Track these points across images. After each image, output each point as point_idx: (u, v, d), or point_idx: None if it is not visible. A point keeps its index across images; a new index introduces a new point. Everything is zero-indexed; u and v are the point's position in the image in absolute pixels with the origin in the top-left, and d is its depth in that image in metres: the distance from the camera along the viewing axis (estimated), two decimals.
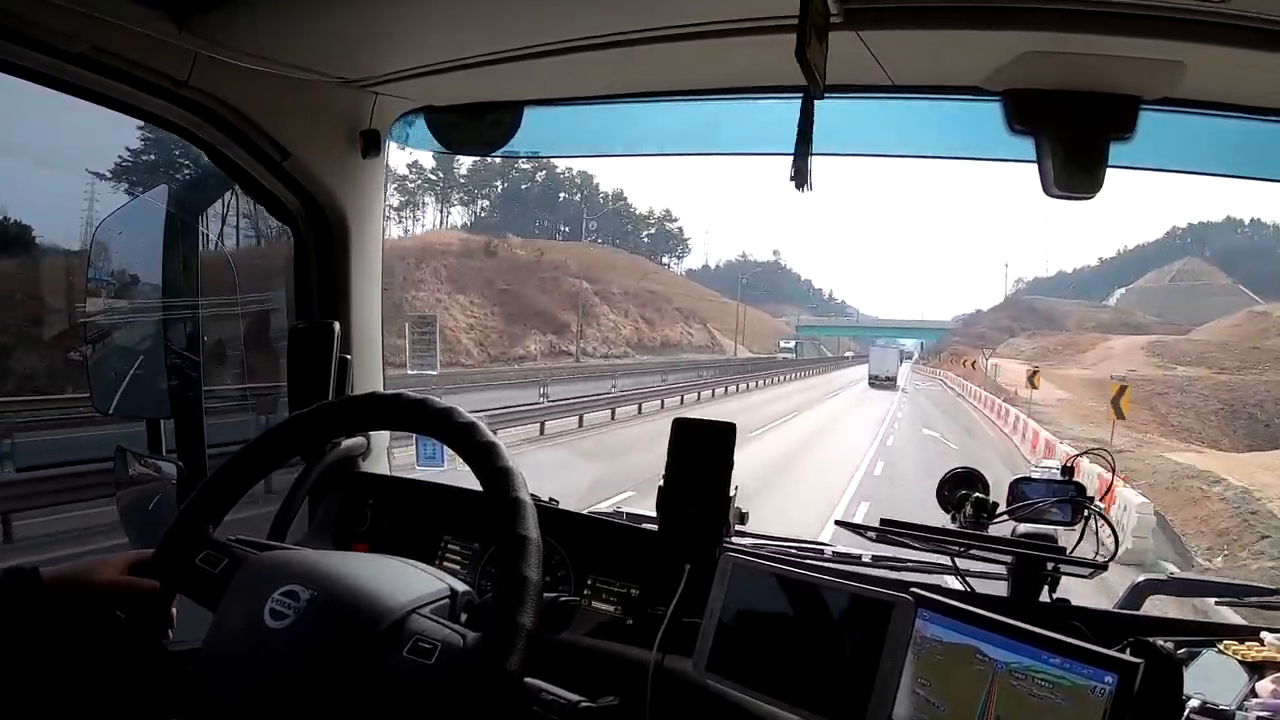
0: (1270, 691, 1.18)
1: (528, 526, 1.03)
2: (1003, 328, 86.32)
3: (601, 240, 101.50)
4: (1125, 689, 0.92)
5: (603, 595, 1.60)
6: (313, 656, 1.00)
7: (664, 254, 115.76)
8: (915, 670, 1.09)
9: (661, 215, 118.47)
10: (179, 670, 1.10)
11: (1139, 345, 62.51)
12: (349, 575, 1.08)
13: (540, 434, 18.61)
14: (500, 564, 1.02)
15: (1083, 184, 1.50)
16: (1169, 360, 56.27)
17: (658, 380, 37.05)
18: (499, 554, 1.03)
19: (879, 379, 46.65)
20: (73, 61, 1.41)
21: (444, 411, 1.13)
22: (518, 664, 0.97)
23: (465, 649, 1.00)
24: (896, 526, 1.53)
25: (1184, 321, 74.84)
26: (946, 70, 1.54)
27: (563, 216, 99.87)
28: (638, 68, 1.65)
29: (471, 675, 0.97)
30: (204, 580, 1.13)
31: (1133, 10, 1.26)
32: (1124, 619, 1.43)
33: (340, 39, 1.60)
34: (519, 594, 1.00)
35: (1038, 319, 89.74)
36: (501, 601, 1.00)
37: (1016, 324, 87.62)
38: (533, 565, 1.01)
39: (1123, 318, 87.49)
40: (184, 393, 1.96)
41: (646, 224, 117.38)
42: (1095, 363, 58.53)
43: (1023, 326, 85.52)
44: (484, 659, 0.97)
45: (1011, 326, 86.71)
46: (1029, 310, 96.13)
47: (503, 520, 1.04)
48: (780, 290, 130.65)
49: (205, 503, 1.19)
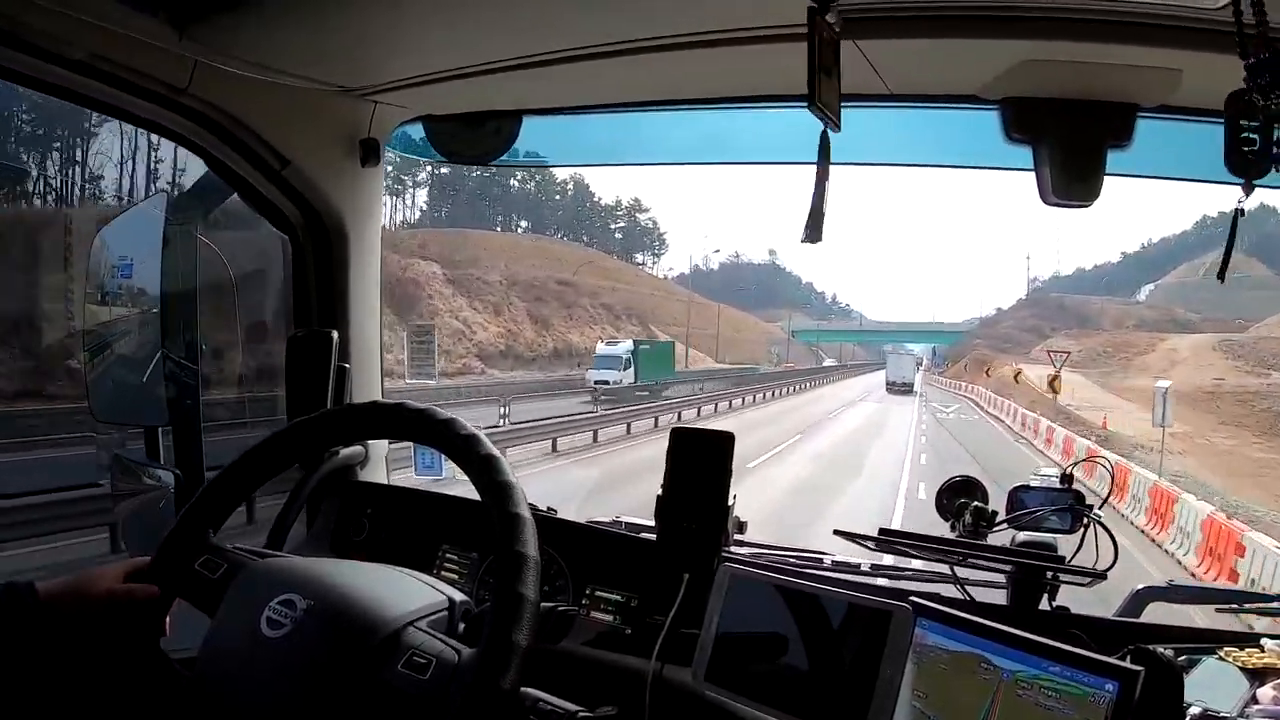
0: (1271, 698, 1.17)
1: (526, 543, 1.03)
2: (1029, 328, 78.06)
3: (565, 236, 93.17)
4: (1126, 697, 0.92)
5: (601, 605, 1.59)
6: (308, 666, 1.00)
7: (638, 251, 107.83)
8: (916, 679, 1.08)
9: (630, 205, 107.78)
10: (176, 676, 1.10)
11: (1208, 345, 53.11)
12: (346, 585, 1.08)
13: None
14: (497, 581, 1.02)
15: (1081, 192, 1.51)
16: (1255, 363, 47.45)
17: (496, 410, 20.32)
18: (497, 570, 1.03)
19: (896, 384, 47.43)
20: (72, 68, 1.41)
21: (445, 423, 1.12)
22: (512, 682, 0.96)
23: (460, 665, 1.00)
24: (895, 536, 1.52)
25: (1229, 316, 67.75)
26: (944, 79, 1.55)
27: (519, 209, 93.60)
28: (636, 77, 1.66)
29: (466, 693, 0.96)
30: (202, 585, 1.13)
31: (1129, 18, 1.27)
32: (1124, 627, 1.42)
33: (340, 47, 1.60)
34: (515, 612, 0.99)
35: (1068, 317, 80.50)
36: (497, 619, 0.99)
37: (1045, 323, 78.27)
38: (530, 583, 1.01)
39: (1165, 315, 78.60)
40: (182, 400, 1.95)
41: (614, 216, 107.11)
42: (1164, 369, 47.48)
43: (1053, 326, 76.22)
44: (479, 677, 0.96)
45: (1040, 326, 77.84)
46: (1058, 308, 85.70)
47: (501, 536, 1.03)
48: (779, 294, 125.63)
49: (205, 507, 1.19)
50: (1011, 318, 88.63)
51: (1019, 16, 1.30)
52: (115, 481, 2.01)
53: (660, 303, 74.86)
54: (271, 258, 2.04)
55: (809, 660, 1.19)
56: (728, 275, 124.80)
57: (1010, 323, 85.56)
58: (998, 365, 53.99)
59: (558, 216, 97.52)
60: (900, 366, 50.51)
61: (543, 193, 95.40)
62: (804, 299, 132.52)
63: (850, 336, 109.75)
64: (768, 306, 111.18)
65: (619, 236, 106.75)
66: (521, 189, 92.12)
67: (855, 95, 1.61)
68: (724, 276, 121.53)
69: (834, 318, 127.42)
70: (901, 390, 45.84)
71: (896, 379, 48.17)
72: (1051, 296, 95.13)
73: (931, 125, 1.79)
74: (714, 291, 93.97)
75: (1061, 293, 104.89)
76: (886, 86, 1.54)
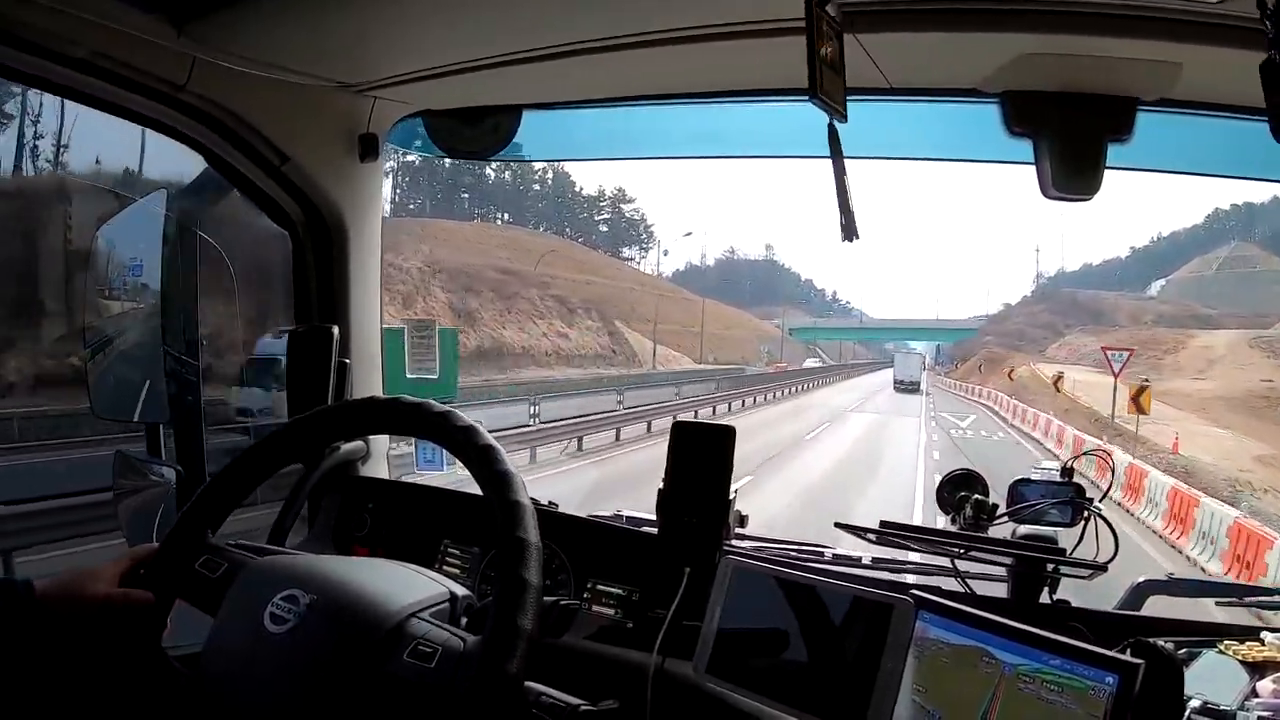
0: (1271, 691, 1.17)
1: (528, 529, 1.03)
2: (1043, 324, 74.41)
3: (548, 229, 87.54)
4: (1126, 690, 0.92)
5: (603, 599, 1.59)
6: (313, 661, 1.00)
7: (626, 245, 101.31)
8: (917, 672, 1.09)
9: (614, 196, 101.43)
10: (177, 675, 1.10)
11: (1242, 342, 48.04)
12: (349, 579, 1.08)
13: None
14: (500, 567, 1.02)
15: (1081, 185, 1.51)
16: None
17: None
18: (499, 557, 1.03)
19: (903, 383, 48.21)
20: (70, 66, 1.41)
21: (442, 415, 1.13)
22: (518, 667, 0.97)
23: (465, 652, 1.00)
24: (896, 528, 1.53)
25: (1249, 312, 64.53)
26: (944, 73, 1.55)
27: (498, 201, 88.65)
28: (637, 71, 1.65)
29: (472, 678, 0.97)
30: (203, 585, 1.13)
31: (1130, 11, 1.27)
32: (1124, 620, 1.42)
33: (338, 43, 1.60)
34: (519, 597, 0.99)
35: (1082, 313, 74.68)
36: (501, 605, 0.99)
37: (1059, 319, 73.95)
38: (533, 568, 1.01)
39: (1184, 310, 73.36)
40: (183, 397, 1.96)
41: (597, 207, 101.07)
42: (1200, 369, 43.61)
43: (1066, 322, 71.75)
44: (485, 662, 0.97)
45: (1054, 322, 74.28)
46: (1072, 304, 79.80)
47: (503, 523, 1.04)
48: (777, 291, 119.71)
49: (204, 507, 1.19)
50: (1022, 313, 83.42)
51: (1019, 10, 1.30)
52: (116, 478, 2.02)
53: (641, 298, 68.84)
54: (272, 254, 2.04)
55: (810, 653, 1.19)
56: (724, 271, 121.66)
57: (1021, 318, 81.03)
58: (1017, 364, 48.38)
59: (539, 209, 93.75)
60: (908, 365, 51.63)
61: (521, 182, 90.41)
62: (803, 296, 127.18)
63: (849, 334, 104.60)
64: (766, 303, 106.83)
65: (604, 229, 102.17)
66: (498, 178, 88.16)
67: (855, 89, 1.59)
68: (720, 272, 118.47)
69: (834, 315, 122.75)
70: (909, 389, 46.32)
71: (904, 377, 49.23)
72: (1064, 291, 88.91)
73: (932, 119, 1.79)
74: (708, 289, 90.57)
75: (1071, 288, 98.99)
76: (886, 80, 1.54)
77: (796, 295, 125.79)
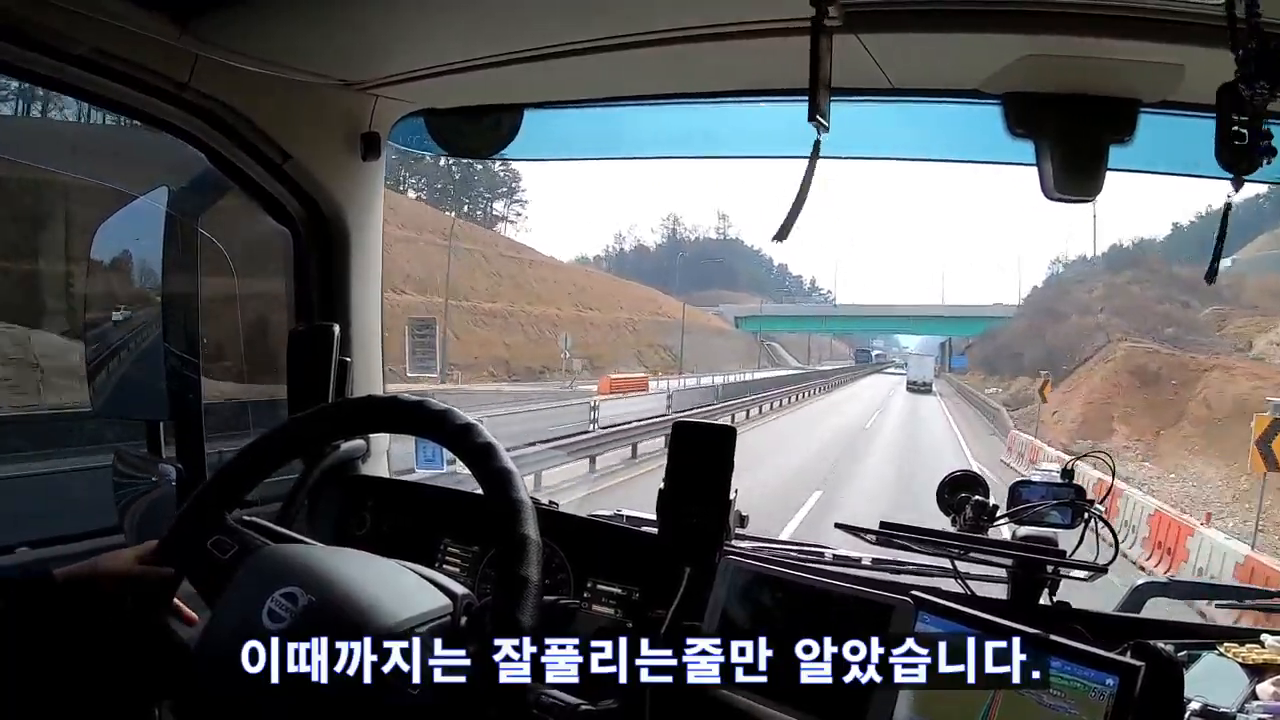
0: (1271, 694, 1.18)
1: (527, 527, 1.03)
2: (1137, 305, 39.99)
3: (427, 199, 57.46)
4: (1126, 691, 0.92)
5: (602, 598, 1.59)
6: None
7: (508, 222, 67.15)
8: None
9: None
10: (180, 655, 1.10)
11: None
12: (351, 584, 1.07)
13: None
14: (500, 565, 1.02)
15: (1082, 187, 1.51)
16: None
17: None
18: (499, 555, 1.03)
19: (915, 384, 48.39)
20: (73, 63, 1.41)
21: (442, 413, 1.12)
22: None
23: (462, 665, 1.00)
24: (896, 529, 1.52)
25: None
26: (946, 73, 1.55)
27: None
28: (638, 71, 1.65)
29: (469, 684, 0.96)
30: (211, 565, 1.13)
31: (1131, 13, 1.27)
32: (1125, 621, 1.43)
33: (341, 42, 1.60)
34: (519, 595, 0.99)
35: (1181, 286, 39.50)
36: (501, 602, 0.99)
37: (1165, 292, 39.94)
38: (533, 566, 1.01)
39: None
40: (183, 394, 1.96)
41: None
42: None
43: (1184, 301, 39.04)
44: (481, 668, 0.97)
45: (1160, 301, 39.41)
46: (1169, 276, 42.33)
47: (502, 521, 1.04)
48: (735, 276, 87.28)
49: (222, 488, 1.19)
50: (1100, 283, 47.55)
51: (1021, 11, 1.30)
52: (116, 476, 2.01)
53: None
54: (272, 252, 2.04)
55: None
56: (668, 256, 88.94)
57: (1099, 291, 45.78)
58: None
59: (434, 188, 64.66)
60: (921, 368, 51.89)
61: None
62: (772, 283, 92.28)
63: (812, 325, 72.31)
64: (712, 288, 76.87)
65: (497, 206, 68.43)
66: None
67: (857, 90, 1.61)
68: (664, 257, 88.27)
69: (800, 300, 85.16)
70: (921, 390, 46.45)
71: (917, 378, 49.82)
72: (1153, 257, 49.13)
73: (933, 120, 1.79)
74: (646, 274, 70.13)
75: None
76: (889, 81, 1.54)
77: (766, 282, 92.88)
